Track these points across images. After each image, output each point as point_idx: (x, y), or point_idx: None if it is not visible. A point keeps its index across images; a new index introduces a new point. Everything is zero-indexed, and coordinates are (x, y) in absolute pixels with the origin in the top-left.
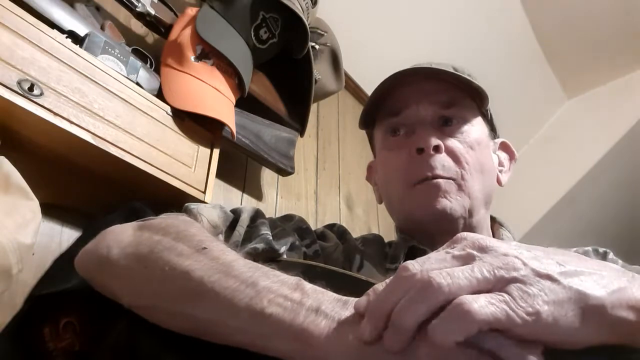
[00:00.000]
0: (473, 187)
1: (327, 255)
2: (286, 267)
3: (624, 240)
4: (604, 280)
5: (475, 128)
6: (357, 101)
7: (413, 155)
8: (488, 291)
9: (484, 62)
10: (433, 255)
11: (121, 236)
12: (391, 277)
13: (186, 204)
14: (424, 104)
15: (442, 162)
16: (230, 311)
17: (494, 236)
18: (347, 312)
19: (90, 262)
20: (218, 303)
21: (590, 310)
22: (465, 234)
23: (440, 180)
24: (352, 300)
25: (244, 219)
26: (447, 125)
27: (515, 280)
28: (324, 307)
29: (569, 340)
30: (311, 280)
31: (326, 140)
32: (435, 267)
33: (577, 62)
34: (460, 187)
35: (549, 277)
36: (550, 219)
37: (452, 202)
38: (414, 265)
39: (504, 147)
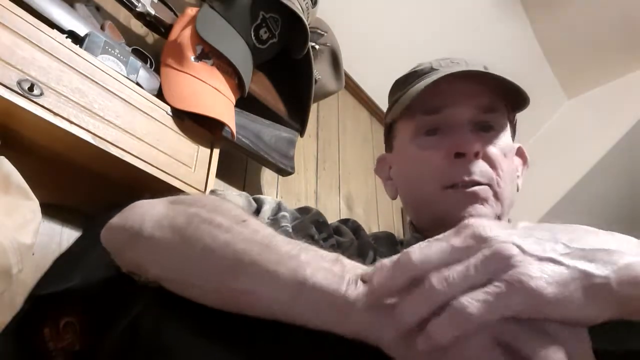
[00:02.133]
0: (505, 194)
1: (343, 250)
2: None
3: None
4: (613, 257)
5: (507, 134)
6: (357, 101)
7: (450, 158)
8: (486, 282)
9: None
10: (435, 246)
11: (152, 210)
12: (398, 256)
13: (212, 189)
14: (464, 105)
15: (479, 168)
16: (273, 281)
17: None
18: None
19: (119, 236)
20: (261, 274)
21: (596, 288)
22: (470, 221)
23: (477, 187)
24: None
25: (266, 211)
26: (486, 131)
27: (510, 267)
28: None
29: (576, 318)
30: None
31: (326, 140)
32: (435, 259)
33: (577, 62)
34: (495, 194)
35: (550, 260)
36: (550, 219)
37: (487, 209)
38: (415, 254)
39: (519, 152)
